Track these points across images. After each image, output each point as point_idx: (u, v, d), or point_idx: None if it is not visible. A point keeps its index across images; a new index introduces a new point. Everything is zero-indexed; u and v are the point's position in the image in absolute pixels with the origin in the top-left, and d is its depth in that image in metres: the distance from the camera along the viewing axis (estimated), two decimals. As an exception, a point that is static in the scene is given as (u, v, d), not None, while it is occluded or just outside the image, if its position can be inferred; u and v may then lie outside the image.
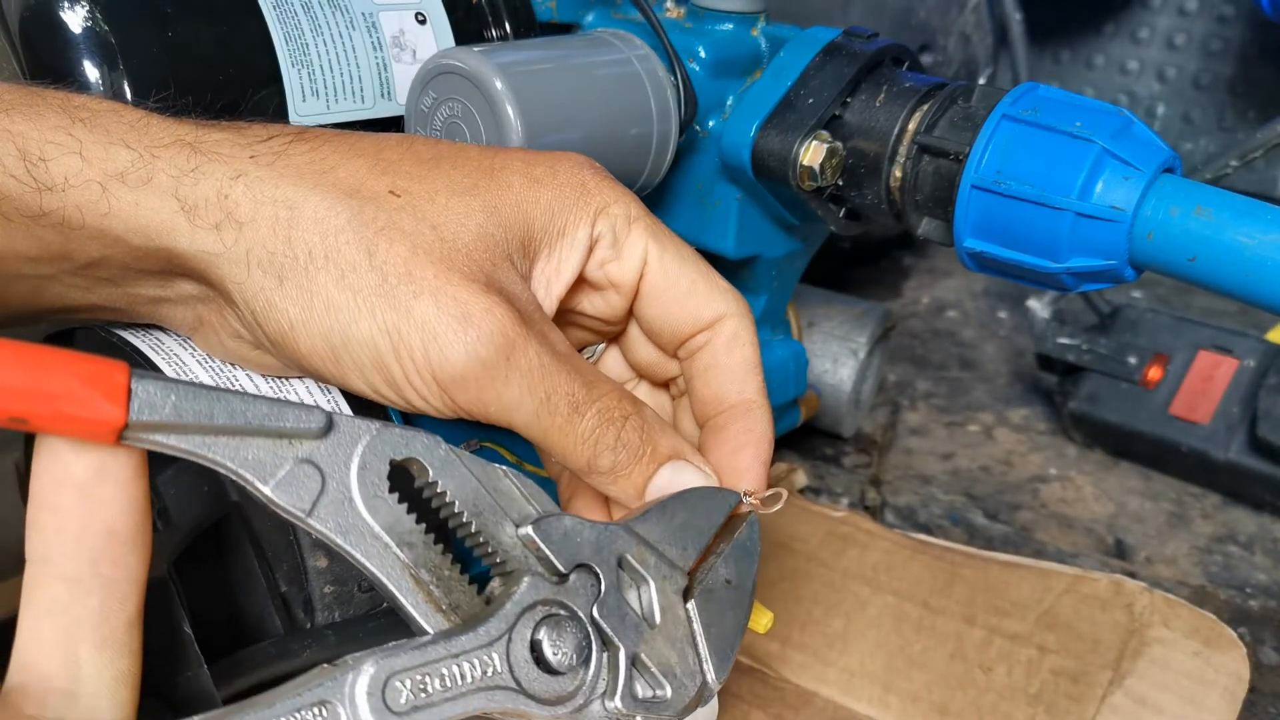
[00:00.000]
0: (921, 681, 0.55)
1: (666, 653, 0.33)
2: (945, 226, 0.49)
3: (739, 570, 0.36)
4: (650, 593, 0.34)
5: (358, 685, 0.28)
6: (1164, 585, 0.62)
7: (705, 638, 0.34)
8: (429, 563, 0.31)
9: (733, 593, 0.35)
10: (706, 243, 0.57)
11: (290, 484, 0.30)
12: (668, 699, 0.33)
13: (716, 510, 0.36)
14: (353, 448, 0.31)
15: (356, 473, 0.31)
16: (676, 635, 0.34)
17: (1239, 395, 0.69)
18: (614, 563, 0.33)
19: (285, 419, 0.30)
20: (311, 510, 0.30)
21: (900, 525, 0.68)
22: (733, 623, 0.35)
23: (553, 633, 0.31)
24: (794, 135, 0.51)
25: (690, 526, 0.35)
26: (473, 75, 0.46)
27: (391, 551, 0.31)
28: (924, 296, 0.97)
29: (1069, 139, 0.44)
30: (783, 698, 0.55)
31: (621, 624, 0.33)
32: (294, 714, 0.28)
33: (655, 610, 0.33)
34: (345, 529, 0.30)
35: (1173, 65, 1.09)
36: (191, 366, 0.42)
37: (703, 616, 0.34)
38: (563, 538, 0.33)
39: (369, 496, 0.31)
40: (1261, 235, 0.41)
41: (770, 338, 0.64)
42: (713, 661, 0.34)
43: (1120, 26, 1.11)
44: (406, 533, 0.31)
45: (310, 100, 0.48)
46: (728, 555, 0.36)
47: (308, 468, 0.30)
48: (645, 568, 0.34)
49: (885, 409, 0.80)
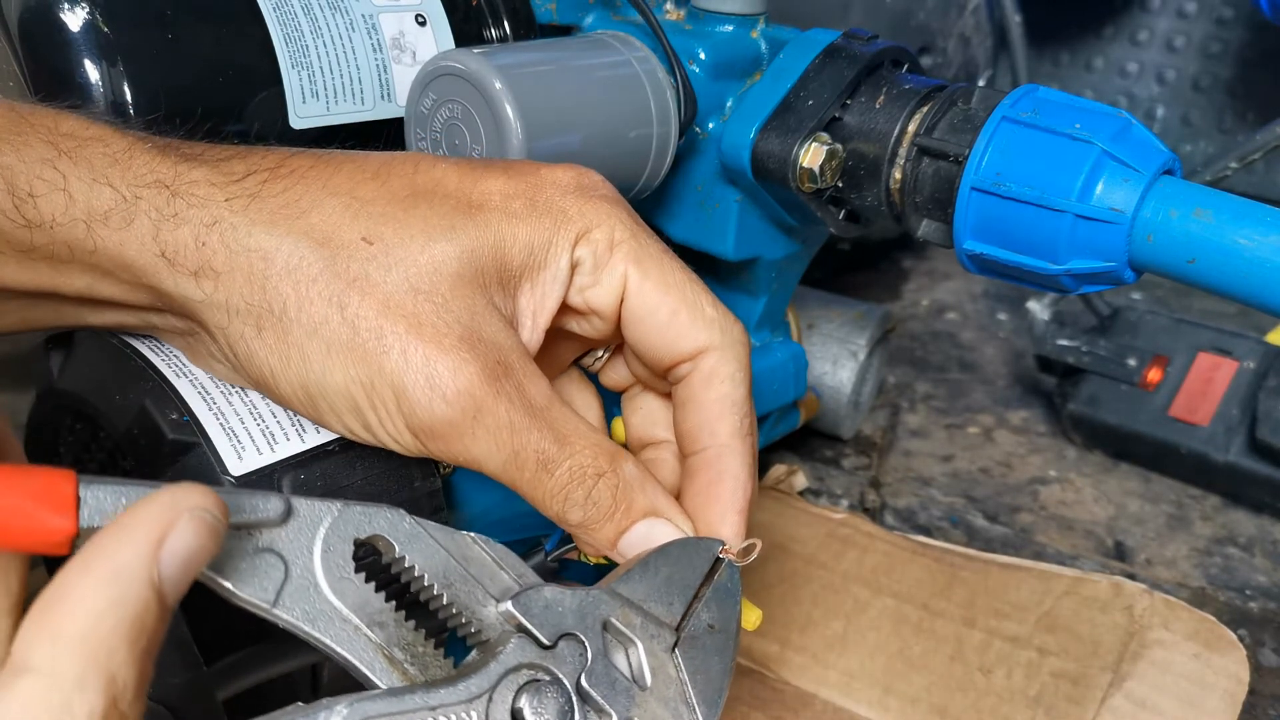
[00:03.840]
0: (921, 683, 0.55)
1: (660, 713, 0.33)
2: (945, 228, 0.49)
3: (721, 614, 0.36)
4: (639, 654, 0.34)
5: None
6: (1164, 587, 0.62)
7: (693, 688, 0.34)
8: (402, 641, 0.31)
9: (717, 637, 0.35)
10: (706, 245, 0.57)
11: (252, 576, 0.29)
12: None
13: (699, 561, 0.36)
14: (314, 531, 0.30)
15: (320, 556, 0.30)
16: (669, 694, 0.34)
17: (1239, 397, 0.69)
18: (599, 628, 0.33)
19: (242, 510, 0.29)
20: (276, 600, 0.29)
21: (900, 527, 0.68)
22: (719, 668, 0.35)
23: (534, 699, 0.31)
24: (794, 137, 0.51)
25: (674, 581, 0.35)
26: (473, 77, 0.46)
27: (362, 633, 0.30)
28: (924, 298, 0.97)
29: (1069, 141, 0.44)
30: (782, 700, 0.55)
31: (612, 690, 0.33)
32: None
33: (645, 672, 0.33)
34: (313, 616, 0.30)
35: (1172, 67, 1.09)
36: (191, 367, 0.42)
37: (689, 665, 0.34)
38: (544, 610, 0.32)
39: (334, 580, 0.30)
40: (1261, 237, 0.41)
41: (770, 339, 0.64)
42: (701, 711, 0.34)
43: (1120, 29, 1.11)
44: (376, 612, 0.31)
45: (310, 101, 0.48)
46: (709, 600, 0.36)
47: (269, 556, 0.30)
48: (632, 629, 0.34)
49: (885, 411, 0.80)
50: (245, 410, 0.40)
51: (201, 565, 0.27)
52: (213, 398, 0.41)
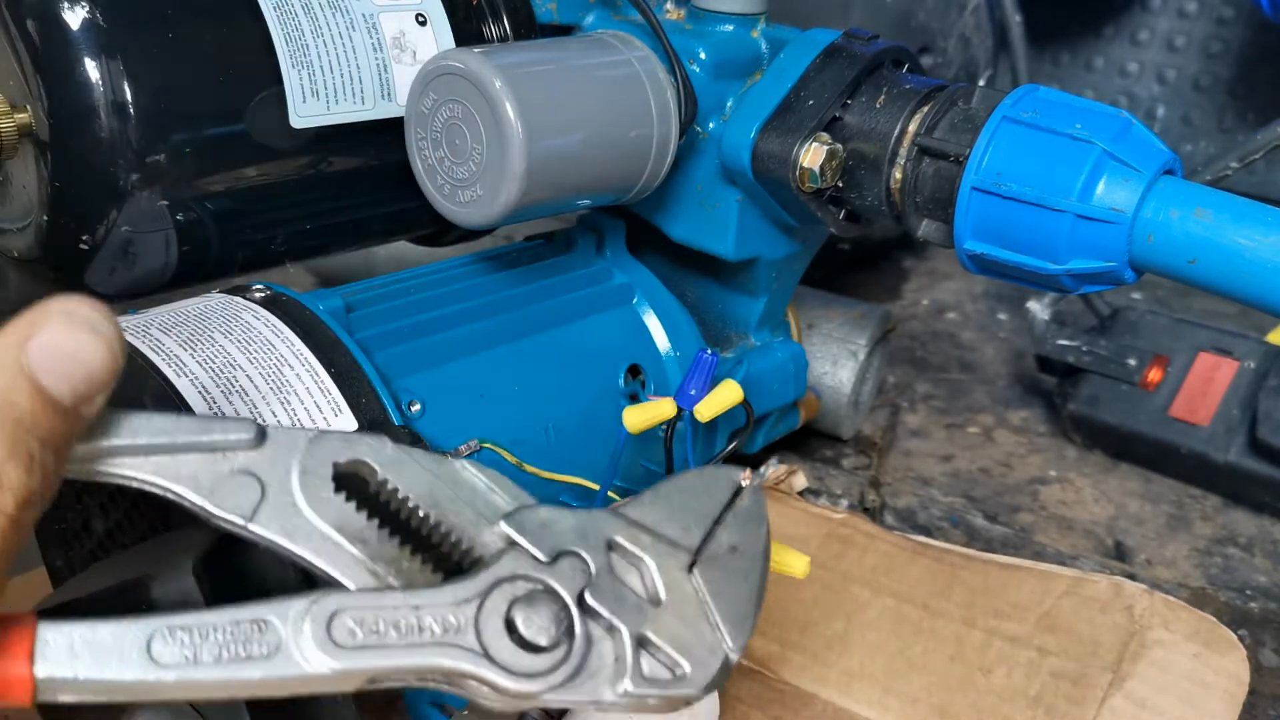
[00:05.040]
0: (921, 683, 0.55)
1: (678, 629, 0.30)
2: (945, 228, 0.49)
3: (745, 536, 0.32)
4: (651, 571, 0.31)
5: (303, 609, 0.27)
6: (1164, 587, 0.62)
7: (716, 607, 0.31)
8: (386, 556, 0.30)
9: (741, 559, 0.32)
10: (706, 245, 0.57)
11: (226, 495, 0.29)
12: (688, 675, 0.30)
13: (718, 490, 0.33)
14: (291, 455, 0.30)
15: (298, 478, 0.30)
16: (687, 610, 0.31)
17: (1239, 397, 0.69)
18: (603, 546, 0.31)
19: (214, 432, 0.29)
20: (252, 517, 0.29)
21: (900, 527, 0.68)
22: (745, 590, 0.32)
23: (529, 609, 0.29)
24: (794, 137, 0.51)
25: (690, 508, 0.32)
26: (473, 77, 0.46)
27: (344, 549, 0.29)
28: (924, 298, 0.97)
29: (1069, 141, 0.44)
30: (782, 700, 0.55)
31: (620, 605, 0.30)
32: (230, 627, 0.27)
33: (660, 588, 0.31)
34: (290, 531, 0.29)
35: (1172, 67, 1.09)
36: (191, 367, 0.42)
37: (709, 586, 0.31)
38: (540, 528, 0.30)
39: (313, 499, 0.29)
40: (1261, 237, 0.41)
41: (770, 339, 0.64)
42: (727, 631, 0.31)
43: (1120, 28, 1.11)
44: (359, 530, 0.30)
45: (310, 101, 0.48)
46: (729, 523, 0.33)
47: (245, 478, 0.29)
48: (641, 547, 0.31)
49: (885, 411, 0.79)
50: (245, 410, 0.40)
51: (91, 365, 0.27)
52: (212, 397, 0.41)
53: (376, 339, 0.48)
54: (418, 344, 0.50)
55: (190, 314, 0.45)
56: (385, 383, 0.46)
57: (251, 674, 0.27)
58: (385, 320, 0.50)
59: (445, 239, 0.60)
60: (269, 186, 0.48)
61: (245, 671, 0.27)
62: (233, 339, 0.44)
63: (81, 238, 0.45)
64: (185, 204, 0.46)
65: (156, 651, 0.26)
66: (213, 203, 0.46)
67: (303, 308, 0.47)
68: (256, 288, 0.48)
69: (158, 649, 0.26)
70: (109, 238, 0.45)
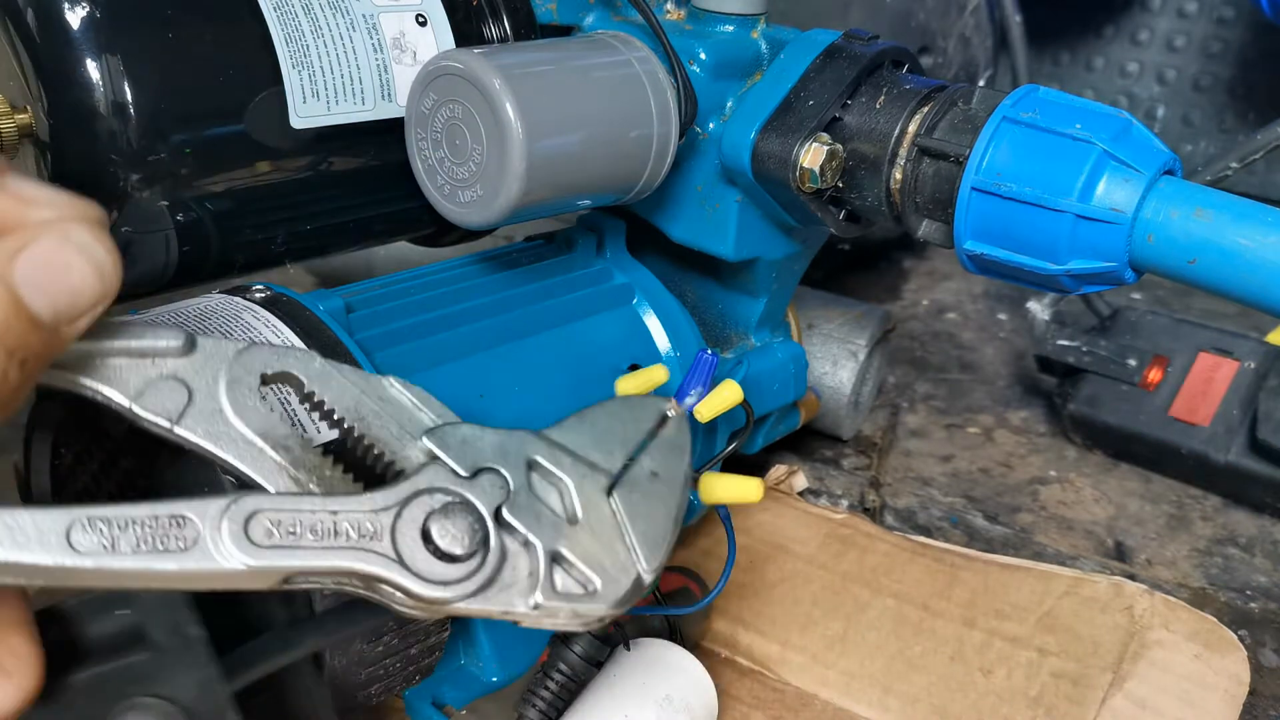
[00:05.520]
0: (921, 684, 0.55)
1: (592, 547, 0.31)
2: (945, 229, 0.49)
3: (666, 463, 0.33)
4: (569, 491, 0.32)
5: (222, 508, 0.28)
6: (1164, 587, 0.62)
7: (632, 528, 0.32)
8: (308, 464, 0.31)
9: (660, 485, 0.33)
10: (706, 245, 0.57)
11: (153, 396, 0.30)
12: (599, 591, 0.31)
13: (643, 417, 0.34)
14: (220, 363, 0.31)
15: (225, 385, 0.31)
16: (603, 530, 0.32)
17: (1239, 397, 0.69)
18: (523, 465, 0.32)
19: (144, 337, 0.30)
20: (179, 419, 0.30)
21: (900, 527, 0.68)
22: (663, 514, 0.33)
23: (444, 520, 0.30)
24: (794, 137, 0.51)
25: (614, 432, 0.33)
26: (473, 77, 0.46)
27: (267, 455, 0.30)
28: (924, 299, 0.97)
29: (1069, 141, 0.44)
30: (782, 700, 0.55)
31: (536, 521, 0.31)
32: (150, 520, 0.27)
33: (577, 507, 0.32)
34: (215, 435, 0.30)
35: (1173, 67, 1.09)
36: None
37: (627, 508, 0.32)
38: (461, 444, 0.31)
39: (239, 406, 0.30)
40: (1261, 238, 0.41)
41: (770, 340, 0.64)
42: (642, 552, 0.32)
43: (1120, 29, 1.11)
44: (282, 437, 0.30)
45: (310, 101, 0.48)
46: (652, 450, 0.34)
47: (172, 382, 0.30)
48: (560, 468, 0.32)
49: (885, 411, 0.79)
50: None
51: (77, 288, 0.27)
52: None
53: (377, 339, 0.48)
54: (418, 344, 0.50)
55: (190, 314, 0.45)
56: (385, 383, 0.46)
57: (167, 565, 0.27)
58: (385, 320, 0.50)
59: (445, 239, 0.60)
60: (269, 187, 0.48)
61: (161, 563, 0.27)
62: (233, 339, 0.44)
63: (81, 238, 0.45)
64: (185, 204, 0.46)
65: (76, 539, 0.27)
66: (213, 203, 0.46)
67: (303, 308, 0.47)
68: (256, 288, 0.48)
69: (77, 537, 0.27)
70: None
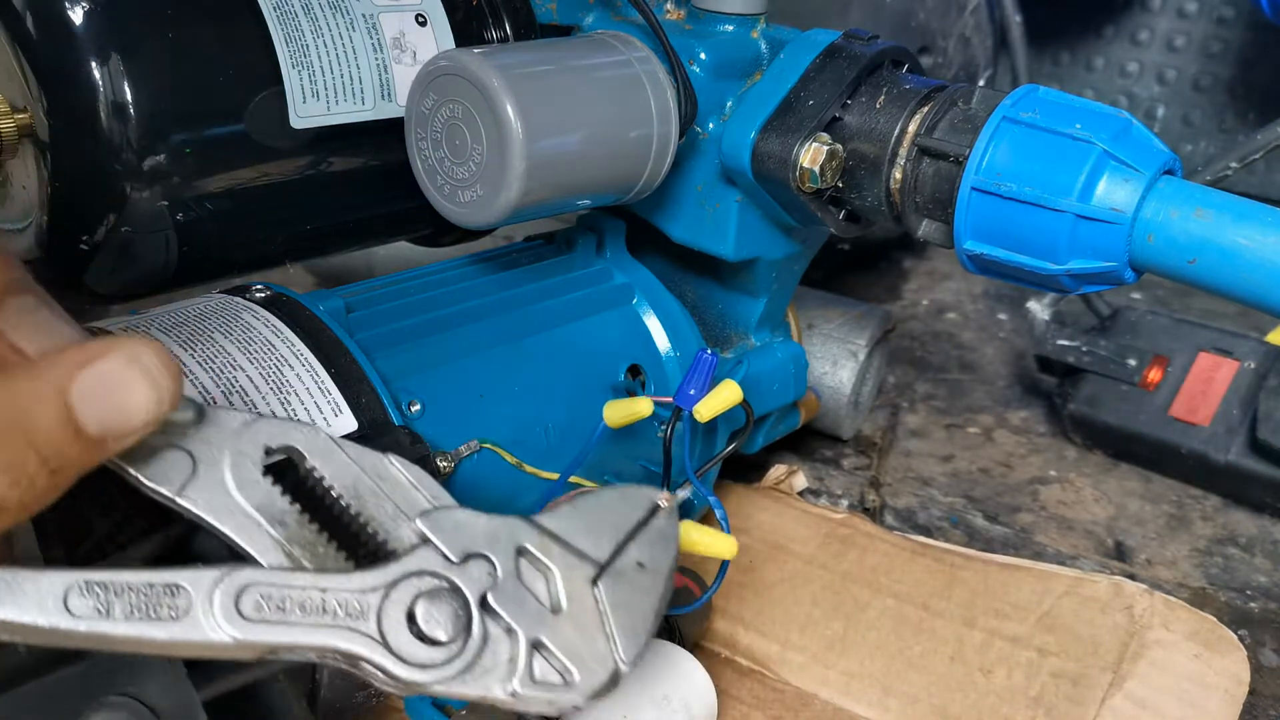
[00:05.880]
0: (921, 684, 0.55)
1: (574, 638, 0.32)
2: (945, 229, 0.49)
3: (653, 554, 0.34)
4: (556, 580, 0.32)
5: (215, 579, 0.29)
6: (1164, 587, 0.62)
7: (614, 619, 0.33)
8: (303, 540, 0.31)
9: (645, 576, 0.34)
10: (706, 245, 0.57)
11: (159, 467, 0.31)
12: (576, 683, 0.31)
13: (634, 507, 0.35)
14: (226, 436, 0.32)
15: (230, 458, 0.31)
16: (586, 620, 0.32)
17: (1239, 397, 0.69)
18: (512, 552, 0.32)
19: None
20: (181, 490, 0.31)
21: (900, 527, 0.68)
22: (645, 605, 0.33)
23: (431, 605, 0.31)
24: (794, 137, 0.51)
25: (605, 521, 0.34)
26: (473, 77, 0.46)
27: (263, 529, 0.31)
28: (924, 298, 0.97)
29: (1069, 141, 0.44)
30: (782, 700, 0.55)
31: (520, 609, 0.32)
32: (145, 588, 0.28)
33: (562, 597, 0.32)
34: (214, 508, 0.31)
35: (1173, 67, 1.09)
36: (192, 368, 0.42)
37: (611, 598, 0.33)
38: (454, 528, 0.32)
39: (240, 479, 0.31)
40: (1261, 237, 0.41)
41: (770, 340, 0.64)
42: (621, 643, 0.32)
43: (1120, 29, 1.11)
44: (280, 512, 0.31)
45: (310, 101, 0.48)
46: (641, 540, 0.34)
47: (179, 453, 0.31)
48: (550, 557, 0.33)
49: (885, 411, 0.79)
50: (244, 410, 0.40)
51: (131, 409, 0.28)
52: (213, 397, 0.41)
53: (376, 339, 0.48)
54: (418, 344, 0.50)
55: (190, 314, 0.45)
56: (385, 383, 0.46)
57: (158, 634, 0.28)
58: (385, 321, 0.50)
59: (445, 239, 0.60)
60: (269, 187, 0.48)
61: (153, 631, 0.28)
62: (233, 339, 0.44)
63: (81, 238, 0.45)
64: (185, 204, 0.46)
65: (72, 603, 0.28)
66: (213, 203, 0.46)
67: (303, 308, 0.47)
68: (256, 288, 0.48)
69: (74, 601, 0.28)
70: (109, 238, 0.45)
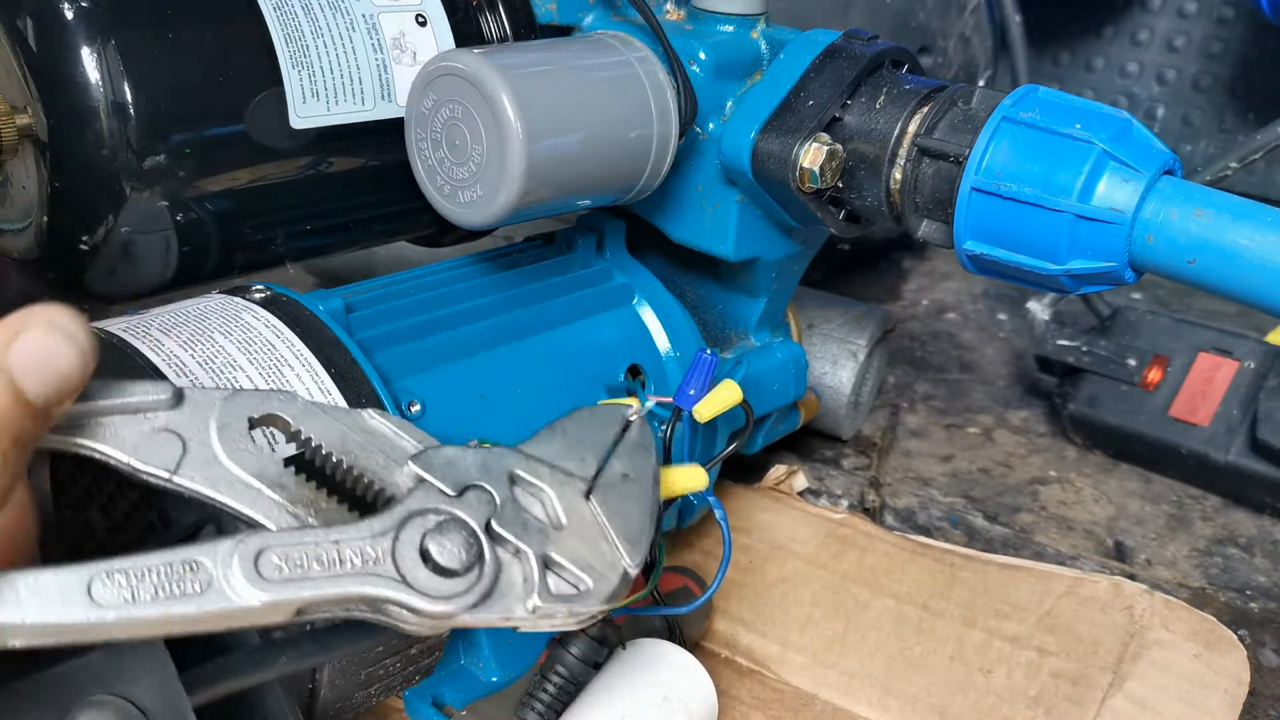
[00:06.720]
0: (921, 684, 0.55)
1: (579, 548, 0.33)
2: (945, 229, 0.49)
3: (635, 464, 0.36)
4: (551, 499, 0.34)
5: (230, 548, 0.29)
6: (1164, 587, 0.62)
7: (612, 528, 0.34)
8: (304, 499, 0.32)
9: (633, 485, 0.36)
10: (706, 245, 0.57)
11: (150, 451, 0.31)
12: (590, 589, 0.33)
13: (608, 424, 0.36)
14: (209, 412, 0.32)
15: (216, 432, 0.32)
16: (586, 532, 0.34)
17: (1239, 397, 0.69)
18: (505, 479, 0.33)
19: (133, 394, 0.31)
20: (176, 470, 0.31)
21: (900, 527, 0.68)
22: (639, 511, 0.35)
23: (440, 538, 0.31)
24: (794, 138, 0.51)
25: (584, 441, 0.36)
26: (473, 77, 0.46)
27: (265, 495, 0.31)
28: (923, 299, 0.97)
29: (1069, 141, 0.44)
30: (782, 700, 0.55)
31: (524, 530, 0.33)
32: (164, 568, 0.28)
33: (560, 513, 0.34)
34: (213, 481, 0.31)
35: (1172, 67, 1.09)
36: (191, 368, 0.42)
37: (606, 509, 0.34)
38: (446, 465, 0.33)
39: (233, 451, 0.32)
40: (1260, 237, 0.41)
41: (770, 340, 0.64)
42: (624, 549, 0.34)
43: (1120, 29, 1.11)
44: (277, 475, 0.32)
45: (310, 101, 0.48)
46: (620, 453, 0.36)
47: (166, 435, 0.31)
48: (540, 478, 0.34)
49: (885, 411, 0.79)
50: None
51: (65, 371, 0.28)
52: (213, 398, 0.40)
53: (376, 339, 0.48)
54: (418, 344, 0.50)
55: (190, 314, 0.45)
56: (385, 383, 0.46)
57: (187, 609, 0.28)
58: (385, 321, 0.50)
59: (445, 239, 0.60)
60: (269, 187, 0.48)
61: (181, 607, 0.28)
62: (233, 339, 0.44)
63: (81, 238, 0.45)
64: (185, 204, 0.46)
65: (97, 593, 0.28)
66: (213, 203, 0.46)
67: (303, 308, 0.47)
68: (256, 288, 0.48)
69: (98, 591, 0.28)
70: (109, 238, 0.45)
